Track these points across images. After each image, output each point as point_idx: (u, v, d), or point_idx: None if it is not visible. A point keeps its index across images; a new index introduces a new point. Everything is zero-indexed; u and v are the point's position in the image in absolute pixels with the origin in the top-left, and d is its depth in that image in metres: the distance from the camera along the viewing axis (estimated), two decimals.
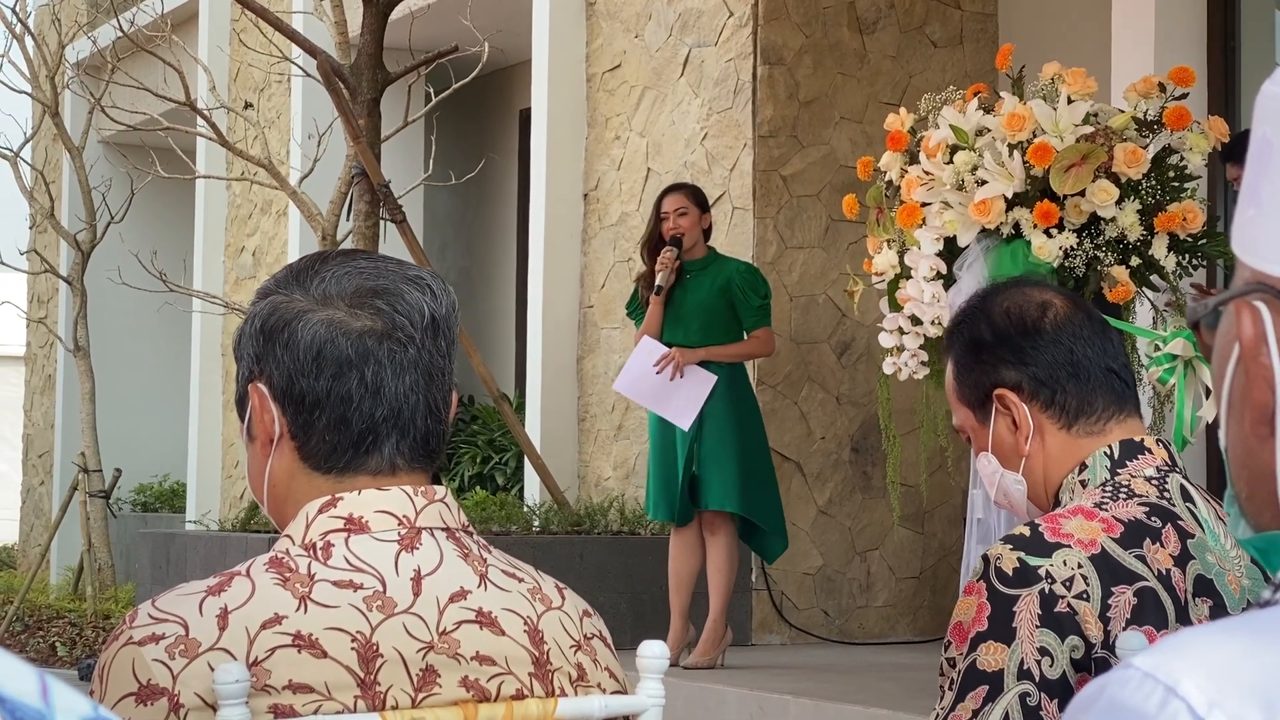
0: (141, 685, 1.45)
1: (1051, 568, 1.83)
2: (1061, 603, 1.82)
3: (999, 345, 2.00)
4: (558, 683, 1.57)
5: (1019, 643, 1.81)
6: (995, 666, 1.82)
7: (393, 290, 1.57)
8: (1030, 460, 2.00)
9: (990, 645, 1.82)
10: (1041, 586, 1.82)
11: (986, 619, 1.83)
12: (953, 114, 4.76)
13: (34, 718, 0.61)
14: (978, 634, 1.84)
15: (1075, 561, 1.83)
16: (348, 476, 1.56)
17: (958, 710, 1.84)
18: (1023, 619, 1.82)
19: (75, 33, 11.84)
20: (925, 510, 7.45)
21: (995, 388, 2.00)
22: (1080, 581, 1.83)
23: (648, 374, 6.05)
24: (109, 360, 12.14)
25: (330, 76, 7.13)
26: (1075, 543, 1.85)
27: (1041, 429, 1.99)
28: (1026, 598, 1.82)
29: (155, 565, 8.05)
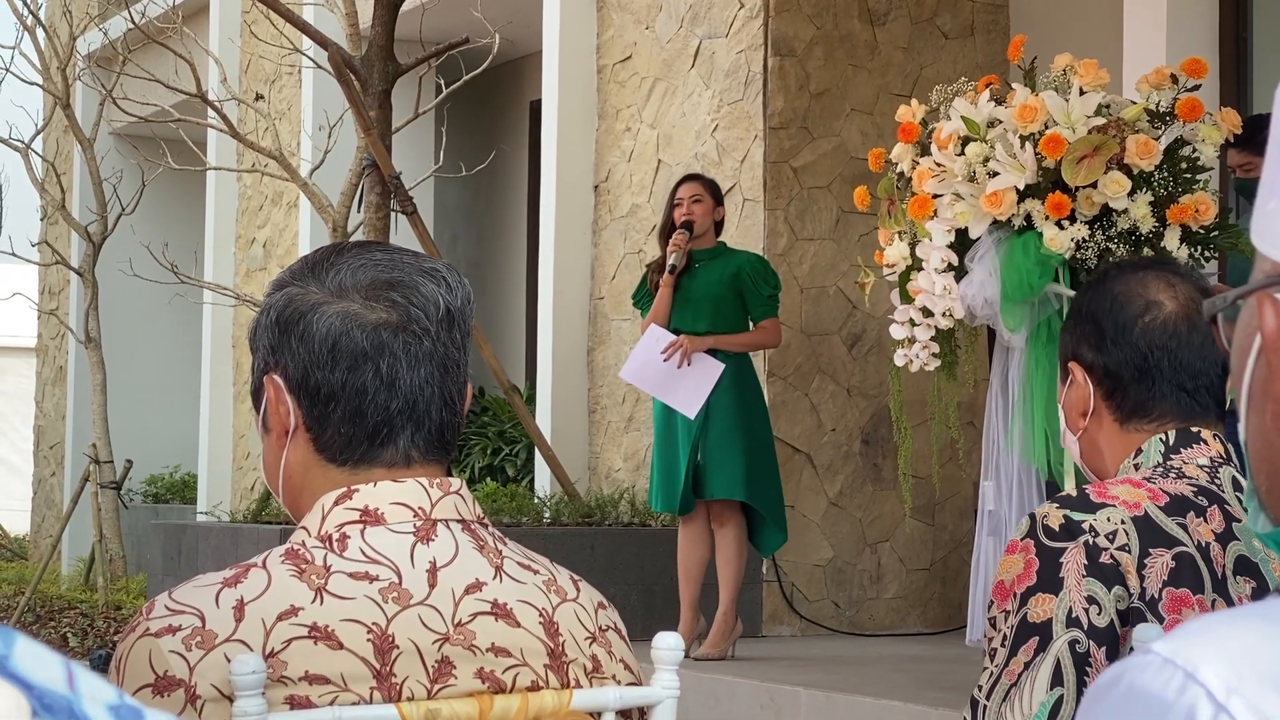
0: (158, 676, 1.46)
1: (1095, 522, 1.87)
2: (1105, 554, 1.86)
3: (1089, 323, 2.04)
4: (573, 674, 1.58)
5: (1066, 591, 1.85)
6: (1044, 617, 1.86)
7: (408, 282, 1.57)
8: (1088, 434, 2.06)
9: (1039, 597, 1.86)
10: (1085, 539, 1.86)
11: (1035, 573, 1.87)
12: (964, 105, 4.76)
13: (61, 704, 0.62)
14: (1027, 589, 1.87)
15: (1119, 518, 1.88)
16: (363, 469, 1.57)
17: (1011, 665, 1.86)
18: (1069, 569, 1.85)
19: (86, 24, 11.85)
20: (936, 502, 7.45)
21: (1073, 359, 2.05)
22: (1122, 535, 1.87)
23: (654, 361, 6.05)
24: (120, 352, 12.16)
25: (341, 68, 7.13)
26: (1120, 503, 1.89)
27: (1099, 413, 2.04)
28: (1072, 549, 1.86)
29: (166, 556, 8.07)
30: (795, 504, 7.11)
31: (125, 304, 12.11)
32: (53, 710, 0.61)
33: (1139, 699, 0.74)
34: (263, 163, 9.81)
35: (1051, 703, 1.82)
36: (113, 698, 0.64)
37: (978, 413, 6.07)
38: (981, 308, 4.75)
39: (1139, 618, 1.86)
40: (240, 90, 10.93)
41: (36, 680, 0.62)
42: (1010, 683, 1.85)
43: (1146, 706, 0.73)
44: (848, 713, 5.20)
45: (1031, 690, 1.83)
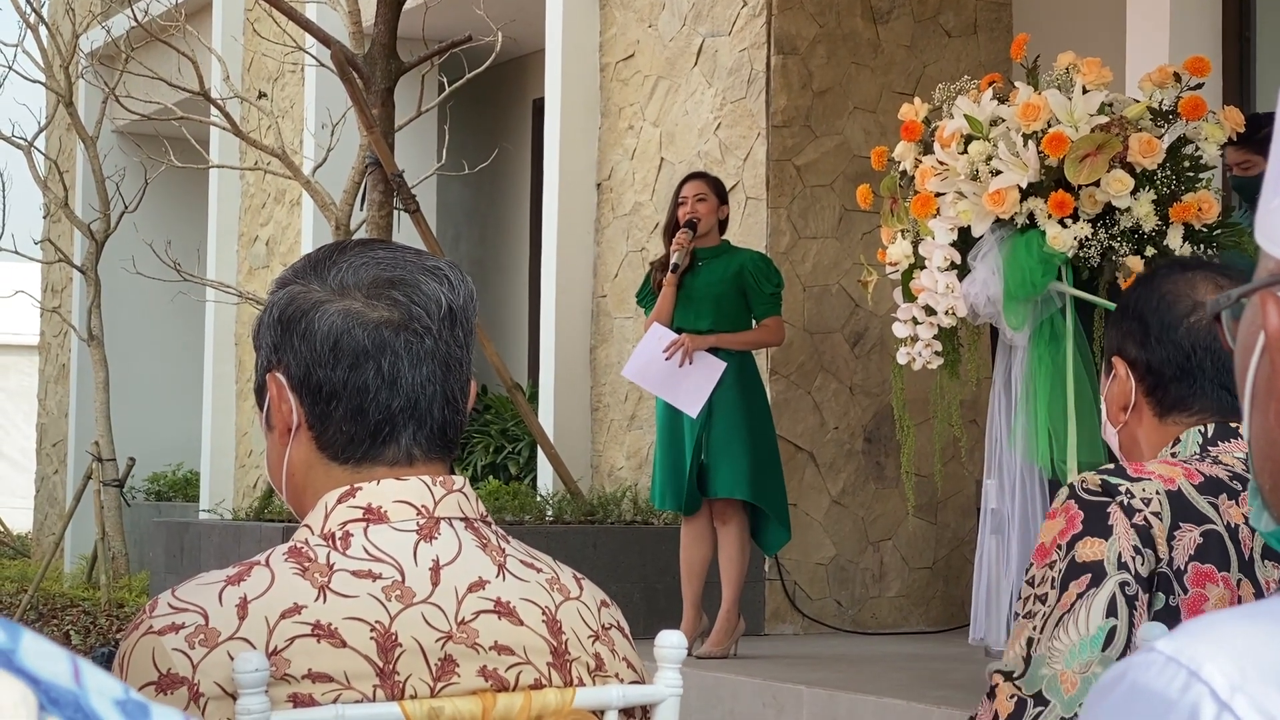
0: (161, 674, 1.46)
1: (1133, 486, 1.94)
2: (1139, 515, 1.91)
3: (1136, 320, 2.07)
4: (576, 673, 1.58)
5: (1116, 538, 1.90)
6: (1095, 557, 1.92)
7: (409, 281, 1.57)
8: (1127, 427, 2.10)
9: (1088, 540, 1.91)
10: (1122, 499, 1.92)
11: (1080, 523, 1.92)
12: (967, 104, 4.76)
13: (67, 699, 0.62)
14: (1073, 536, 1.92)
15: (1153, 489, 1.94)
16: (365, 467, 1.57)
17: (1063, 599, 1.90)
18: (1116, 519, 1.91)
19: (89, 22, 11.85)
20: (939, 500, 7.45)
21: (1117, 354, 2.09)
22: (1156, 504, 1.93)
23: (657, 360, 6.06)
24: (123, 349, 12.17)
25: (344, 66, 7.13)
26: (1156, 477, 1.95)
27: (1139, 408, 2.08)
28: (1113, 505, 1.92)
29: (169, 554, 8.07)
30: (798, 502, 7.11)
31: (128, 302, 12.12)
32: (59, 704, 0.61)
33: (1142, 697, 0.73)
34: (265, 161, 9.81)
35: (1107, 630, 1.87)
36: (119, 692, 0.64)
37: (980, 411, 6.07)
38: (984, 306, 4.75)
39: (1165, 585, 1.91)
40: (243, 88, 10.93)
41: (43, 675, 0.62)
42: (1064, 612, 1.89)
43: (1150, 705, 0.73)
44: (850, 711, 5.20)
45: (1088, 615, 1.88)
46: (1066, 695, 1.86)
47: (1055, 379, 4.67)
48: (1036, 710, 1.87)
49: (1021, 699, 1.89)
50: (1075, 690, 1.86)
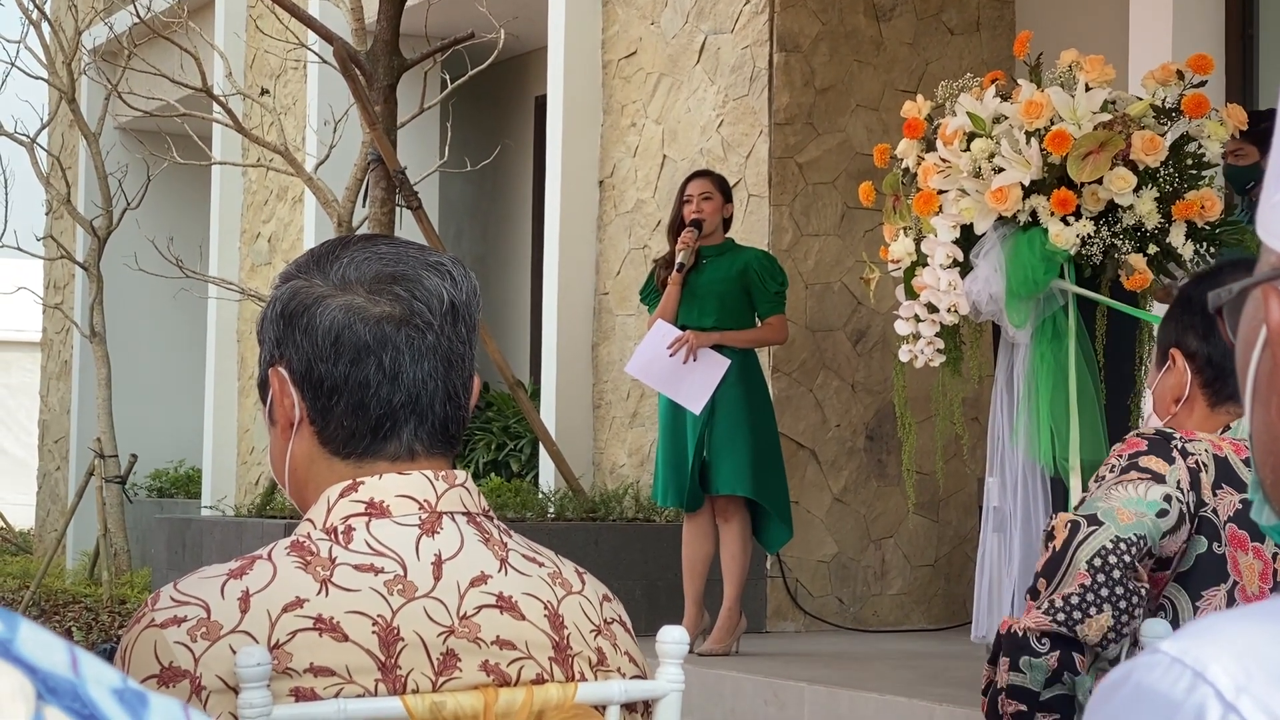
0: (163, 667, 1.46)
1: (1187, 444, 2.02)
2: (1192, 459, 2.00)
3: (1199, 315, 2.12)
4: (578, 667, 1.58)
5: (1177, 468, 1.99)
6: (1158, 470, 2.02)
7: (412, 276, 1.57)
8: (1176, 420, 2.15)
9: (1152, 458, 2.00)
10: (1177, 444, 2.01)
11: (1146, 444, 2.01)
12: (970, 101, 4.75)
13: (66, 688, 0.62)
14: (1137, 451, 2.02)
15: (1203, 448, 2.02)
16: (367, 462, 1.57)
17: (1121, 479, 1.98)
18: (1177, 455, 2.00)
19: (92, 19, 11.85)
20: (940, 498, 7.45)
21: (1176, 347, 2.13)
22: (1205, 459, 2.01)
23: (661, 356, 6.05)
24: (125, 346, 12.17)
25: (346, 63, 7.13)
26: (1206, 440, 2.04)
27: (1194, 401, 2.14)
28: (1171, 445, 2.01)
29: (171, 550, 8.08)
30: (799, 500, 7.11)
31: (130, 298, 12.12)
32: (57, 693, 0.61)
33: (1147, 698, 0.73)
34: (268, 157, 9.81)
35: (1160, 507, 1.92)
36: (116, 682, 0.64)
37: (982, 409, 6.07)
38: (986, 304, 4.74)
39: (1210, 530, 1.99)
40: (245, 85, 10.93)
41: (40, 664, 0.62)
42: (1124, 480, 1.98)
43: (1155, 706, 0.73)
44: (851, 709, 5.20)
45: (1146, 489, 1.96)
46: (1121, 521, 1.94)
47: (1057, 377, 4.67)
48: (1090, 529, 1.94)
49: (1076, 521, 1.96)
50: (1130, 521, 1.93)
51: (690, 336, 6.03)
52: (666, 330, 6.07)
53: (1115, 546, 1.92)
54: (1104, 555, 1.92)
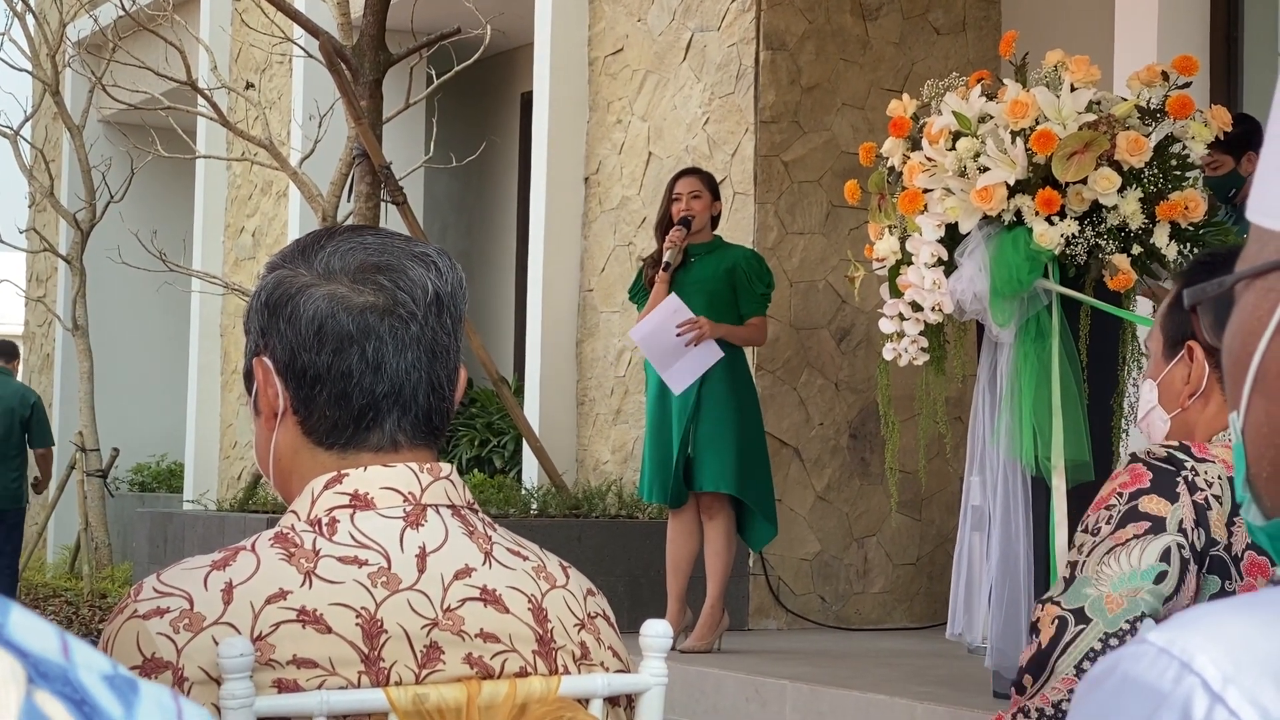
0: (145, 658, 1.45)
1: (1198, 465, 1.93)
2: (1201, 494, 1.91)
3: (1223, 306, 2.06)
4: (561, 661, 1.58)
5: (1181, 505, 1.90)
6: (1159, 513, 1.90)
7: (396, 266, 1.56)
8: (1187, 414, 2.08)
9: (1152, 498, 1.91)
10: (1186, 474, 1.92)
11: (1148, 480, 1.92)
12: (955, 101, 4.76)
13: (56, 673, 0.62)
14: (1137, 489, 1.92)
15: (1216, 473, 1.93)
16: (351, 452, 1.56)
17: (1119, 534, 1.89)
18: (1183, 488, 1.91)
19: (76, 11, 11.81)
20: (923, 497, 7.46)
21: (1193, 339, 2.06)
22: (1218, 487, 1.92)
23: (668, 331, 6.03)
24: (107, 339, 12.14)
25: (332, 57, 7.12)
26: (1219, 461, 1.95)
27: (1209, 394, 2.07)
28: (1180, 476, 1.92)
29: (153, 544, 8.06)
30: (782, 498, 7.12)
31: (113, 292, 12.09)
32: (48, 678, 0.61)
33: (1134, 689, 0.73)
34: (253, 151, 9.79)
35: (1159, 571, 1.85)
36: (107, 668, 0.64)
37: (966, 408, 6.08)
38: (970, 303, 4.75)
39: (1221, 569, 1.91)
40: (231, 79, 10.91)
41: (31, 648, 0.62)
42: (1117, 544, 1.88)
43: (1141, 697, 0.72)
44: (833, 706, 5.21)
45: (1142, 552, 1.87)
46: (1110, 614, 1.85)
47: (1040, 376, 4.68)
48: (1078, 628, 1.86)
49: (1063, 617, 1.87)
50: (1119, 610, 1.84)
51: (705, 324, 6.01)
52: (679, 307, 6.04)
53: (1104, 646, 1.85)
54: (1093, 658, 1.85)
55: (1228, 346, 0.90)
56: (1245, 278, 0.88)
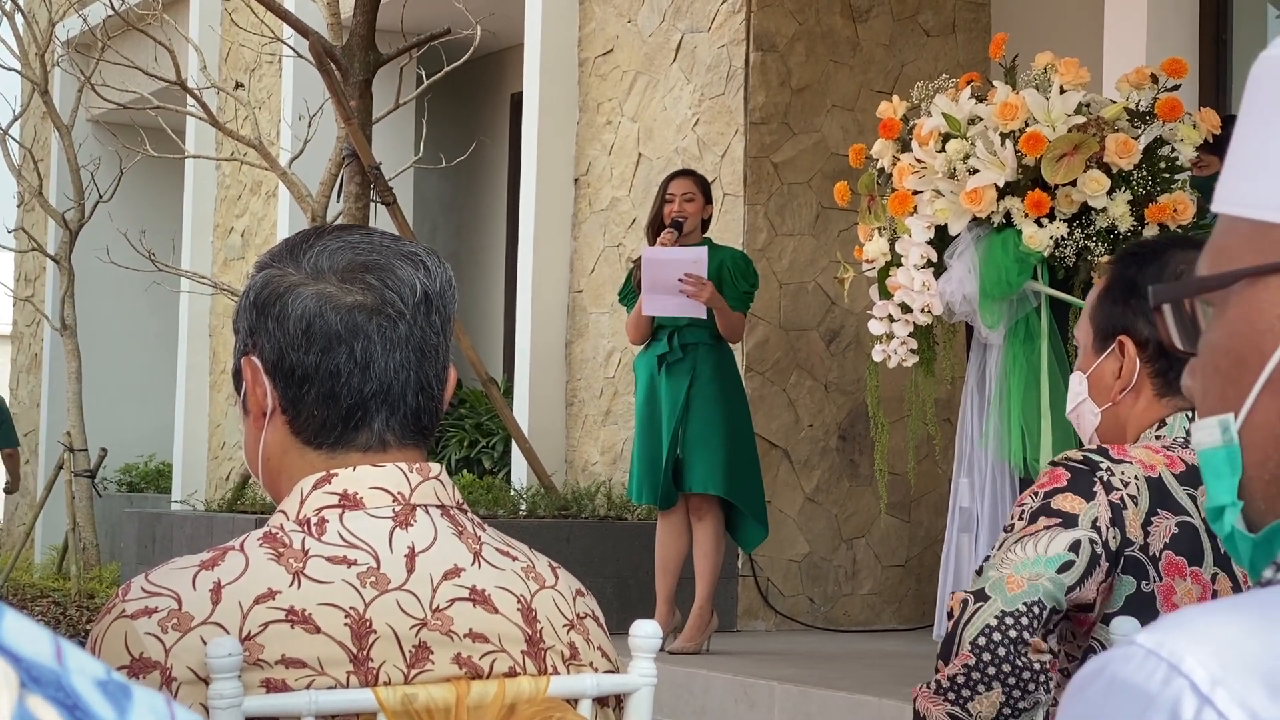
0: (133, 658, 1.45)
1: (1114, 466, 1.93)
2: (1116, 494, 1.91)
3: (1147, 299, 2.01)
4: (550, 661, 1.57)
5: (1097, 504, 1.90)
6: (1072, 510, 1.90)
7: (384, 265, 1.56)
8: (1118, 408, 2.06)
9: (1067, 496, 1.91)
10: (1103, 474, 1.92)
11: (1065, 480, 1.92)
12: (945, 102, 4.76)
13: (49, 678, 0.61)
14: (1054, 488, 1.92)
15: (1133, 474, 1.93)
16: (339, 452, 1.56)
17: (1029, 527, 1.89)
18: (1099, 489, 1.91)
19: (65, 10, 11.79)
20: (912, 498, 7.46)
21: (1125, 332, 2.05)
22: (1134, 487, 1.92)
23: (675, 269, 6.00)
24: (96, 339, 12.12)
25: (322, 57, 7.11)
26: (1137, 461, 1.94)
27: (1140, 388, 2.05)
28: (1096, 476, 1.92)
29: (141, 545, 8.04)
30: (772, 499, 7.12)
31: (101, 292, 12.07)
32: (40, 683, 0.61)
33: (1122, 691, 0.72)
34: (242, 151, 9.78)
35: (1064, 560, 1.86)
36: (100, 673, 0.64)
37: (955, 409, 6.08)
38: (960, 304, 4.76)
39: (1137, 569, 1.91)
40: (220, 78, 10.89)
41: (24, 653, 0.61)
42: (1026, 535, 1.89)
43: (1130, 699, 0.72)
44: (822, 708, 5.21)
45: (1049, 542, 1.87)
46: (1009, 593, 1.86)
47: (1029, 378, 4.68)
48: (976, 606, 1.88)
49: (965, 599, 1.90)
50: (1018, 591, 1.85)
51: (709, 289, 5.99)
52: (700, 260, 6.00)
53: (1000, 623, 1.86)
54: (988, 633, 1.86)
55: (1224, 346, 0.88)
56: (1250, 275, 0.86)
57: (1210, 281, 0.88)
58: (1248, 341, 0.86)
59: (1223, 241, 0.89)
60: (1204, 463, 0.90)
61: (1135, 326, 2.04)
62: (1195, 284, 0.90)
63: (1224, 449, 0.89)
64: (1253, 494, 0.88)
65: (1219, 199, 0.89)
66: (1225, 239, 0.89)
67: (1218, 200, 0.89)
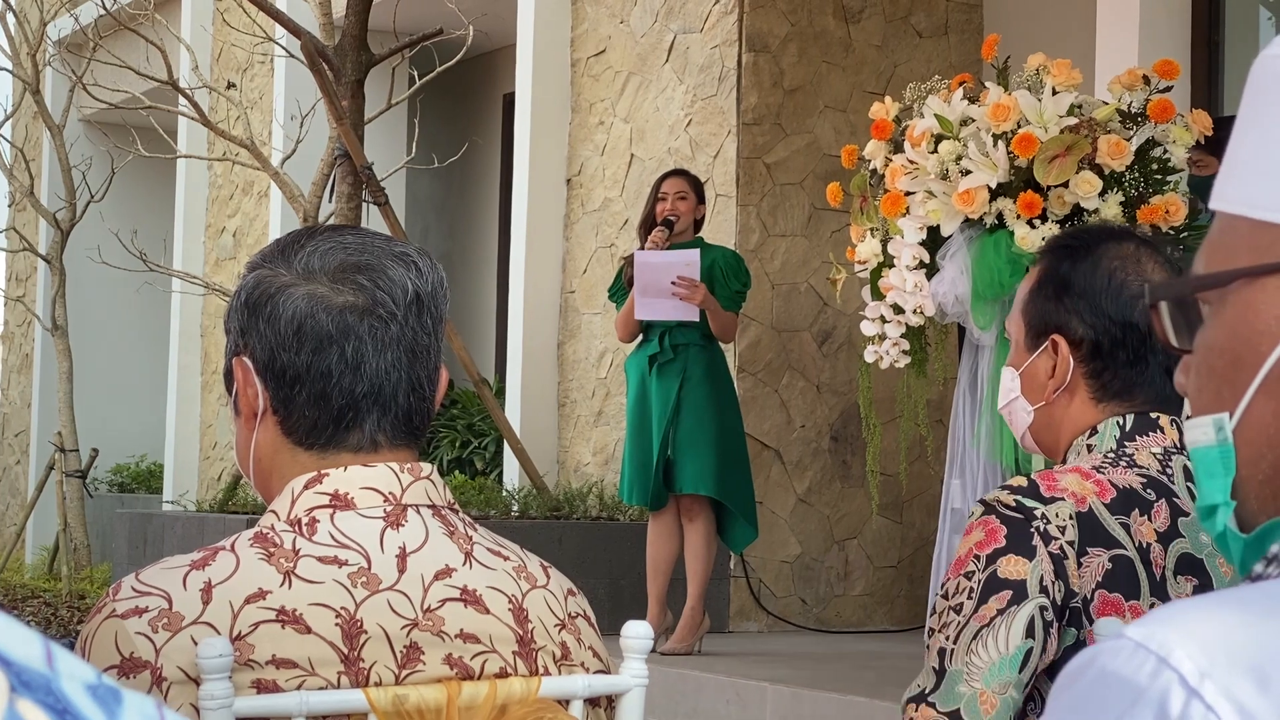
0: (124, 658, 1.45)
1: (1047, 510, 1.84)
2: (1055, 544, 1.83)
3: (1083, 299, 1.97)
4: (541, 661, 1.57)
5: (1039, 560, 1.82)
6: (1018, 576, 1.82)
7: (376, 266, 1.56)
8: (1051, 408, 2.00)
9: (1011, 558, 1.83)
10: (1039, 524, 1.84)
11: (1004, 538, 1.84)
12: (938, 103, 4.77)
13: (39, 682, 0.61)
14: (995, 550, 1.83)
15: (1067, 513, 1.85)
16: (330, 452, 1.56)
17: (981, 611, 1.82)
18: (1039, 541, 1.83)
19: (57, 10, 11.77)
20: (904, 499, 7.47)
21: (1057, 330, 1.98)
22: (1070, 530, 1.84)
23: (668, 273, 6.00)
24: (87, 339, 12.10)
25: (314, 57, 7.10)
26: (1069, 496, 1.86)
27: (1075, 388, 1.98)
28: (1033, 528, 1.84)
29: (132, 545, 8.03)
30: (764, 500, 7.12)
31: (93, 292, 12.05)
32: (30, 687, 0.61)
33: (1111, 684, 0.73)
34: (234, 151, 9.77)
35: (1025, 650, 1.79)
36: (91, 677, 0.63)
37: (947, 411, 6.09)
38: (952, 305, 4.76)
39: (1077, 618, 1.83)
40: (212, 78, 10.88)
41: (14, 657, 0.61)
42: (982, 625, 1.81)
43: (1119, 692, 0.72)
44: (813, 709, 5.21)
45: (1008, 633, 1.80)
46: (984, 716, 1.79)
47: None
48: None
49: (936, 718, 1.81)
50: (994, 712, 1.79)
51: (702, 291, 5.99)
52: (693, 263, 6.00)
53: None
54: None
55: (1220, 346, 0.88)
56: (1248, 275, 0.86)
57: (1208, 280, 0.88)
58: (1245, 341, 0.86)
59: (1221, 240, 0.89)
60: (1197, 461, 0.90)
61: (1069, 325, 1.97)
62: (1193, 282, 0.90)
63: (1218, 448, 0.89)
64: (1245, 494, 0.88)
65: (1217, 197, 0.89)
66: (1223, 237, 0.88)
67: (1216, 198, 0.89)
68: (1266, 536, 0.87)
